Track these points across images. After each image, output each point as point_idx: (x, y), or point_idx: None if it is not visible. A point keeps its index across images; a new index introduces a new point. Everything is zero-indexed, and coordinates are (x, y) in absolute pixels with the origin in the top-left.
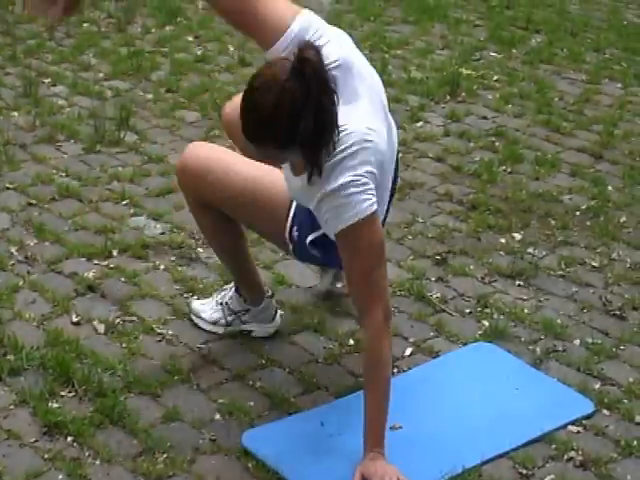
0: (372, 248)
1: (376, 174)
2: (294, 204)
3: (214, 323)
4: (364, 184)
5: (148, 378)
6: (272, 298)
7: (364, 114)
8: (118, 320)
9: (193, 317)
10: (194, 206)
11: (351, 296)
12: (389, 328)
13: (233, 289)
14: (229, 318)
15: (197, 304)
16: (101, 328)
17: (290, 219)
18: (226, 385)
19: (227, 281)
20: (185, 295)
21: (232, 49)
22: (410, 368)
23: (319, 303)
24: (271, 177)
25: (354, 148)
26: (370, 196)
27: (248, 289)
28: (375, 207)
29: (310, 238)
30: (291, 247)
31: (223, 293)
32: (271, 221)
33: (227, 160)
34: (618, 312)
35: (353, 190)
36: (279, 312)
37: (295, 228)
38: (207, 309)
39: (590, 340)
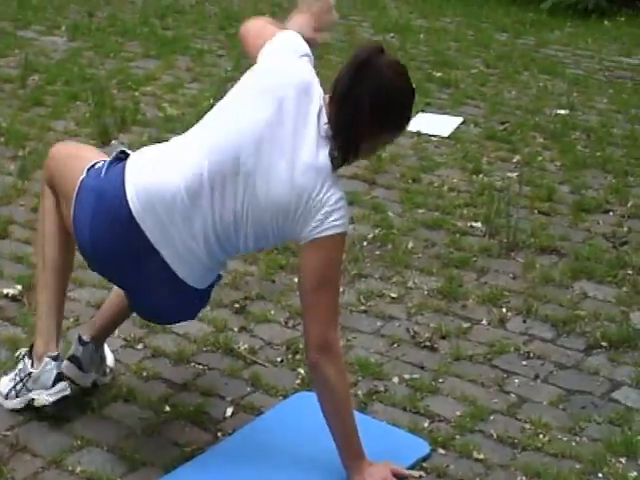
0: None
1: None
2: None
3: (6, 397)
4: None
5: None
6: (57, 361)
7: None
8: None
9: None
10: (43, 185)
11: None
12: (329, 351)
13: (27, 350)
14: (18, 387)
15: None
16: None
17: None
18: (44, 474)
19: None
20: None
21: None
22: (235, 430)
23: (124, 369)
24: None
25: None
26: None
27: (43, 330)
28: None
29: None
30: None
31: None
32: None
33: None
34: (428, 343)
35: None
36: (64, 381)
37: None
38: (6, 381)
39: (408, 376)
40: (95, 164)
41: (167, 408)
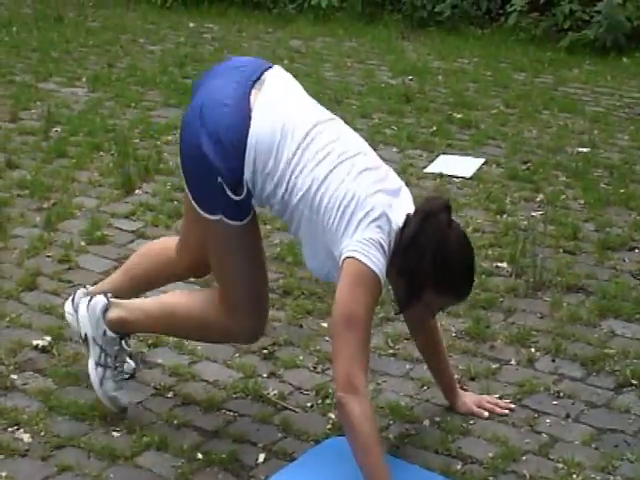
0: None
1: None
2: None
3: None
4: None
5: None
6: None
7: None
8: None
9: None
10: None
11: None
12: (355, 390)
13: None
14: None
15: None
16: None
17: None
18: None
19: (53, 406)
20: (10, 429)
21: None
22: (267, 476)
23: (155, 418)
24: None
25: None
26: None
27: None
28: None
29: None
30: None
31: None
32: None
33: None
34: (458, 385)
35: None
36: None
37: None
38: None
39: (439, 419)
40: None
41: (199, 456)
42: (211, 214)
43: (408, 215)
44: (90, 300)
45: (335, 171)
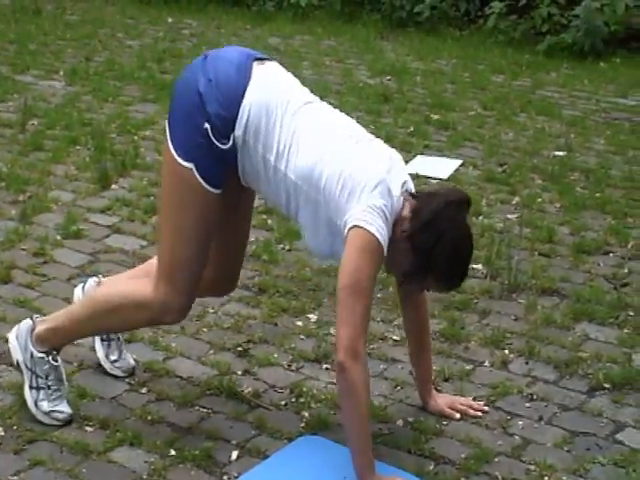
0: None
1: None
2: None
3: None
4: None
5: None
6: None
7: None
8: None
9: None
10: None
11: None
12: (357, 357)
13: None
14: None
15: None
16: None
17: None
18: None
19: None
20: None
21: None
22: (240, 474)
23: (128, 413)
24: None
25: None
26: None
27: None
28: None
29: None
30: None
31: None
32: None
33: None
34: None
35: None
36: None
37: None
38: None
39: (412, 419)
40: None
41: (172, 452)
42: (185, 159)
43: (412, 192)
44: (18, 327)
45: (333, 144)
